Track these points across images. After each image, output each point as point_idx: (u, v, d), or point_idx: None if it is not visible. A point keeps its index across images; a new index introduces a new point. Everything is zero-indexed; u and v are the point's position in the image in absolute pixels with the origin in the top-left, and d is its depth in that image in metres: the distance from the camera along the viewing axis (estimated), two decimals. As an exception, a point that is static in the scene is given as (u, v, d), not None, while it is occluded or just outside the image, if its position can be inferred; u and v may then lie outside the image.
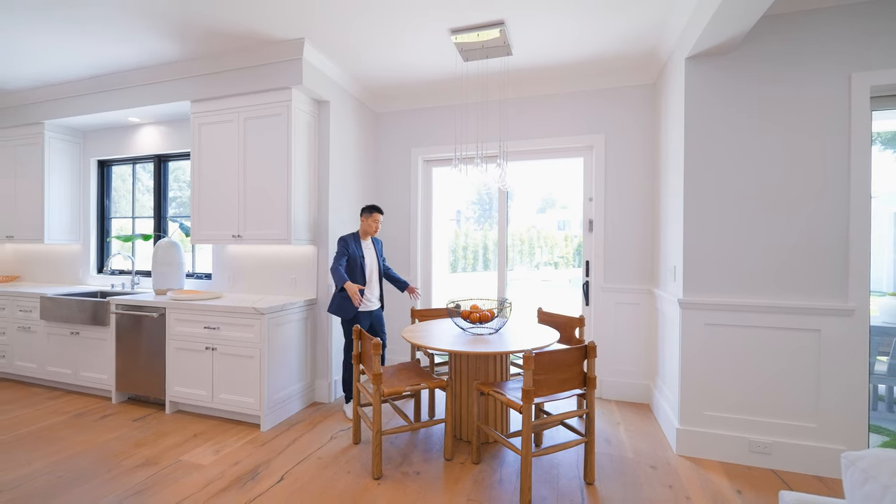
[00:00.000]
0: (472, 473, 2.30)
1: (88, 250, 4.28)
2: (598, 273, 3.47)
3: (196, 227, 3.36)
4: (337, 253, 2.95)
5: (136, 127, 4.06)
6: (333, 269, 2.86)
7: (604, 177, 3.46)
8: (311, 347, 3.33)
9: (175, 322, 3.04)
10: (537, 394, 2.05)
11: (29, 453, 2.48)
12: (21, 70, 3.49)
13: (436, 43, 2.93)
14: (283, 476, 2.25)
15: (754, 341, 2.42)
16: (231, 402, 2.88)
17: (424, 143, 3.96)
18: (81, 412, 3.10)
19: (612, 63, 3.22)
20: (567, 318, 3.06)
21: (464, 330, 2.74)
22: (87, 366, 3.39)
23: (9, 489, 2.12)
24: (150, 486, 2.14)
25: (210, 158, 3.31)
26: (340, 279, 2.81)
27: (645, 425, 2.94)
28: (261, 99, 3.14)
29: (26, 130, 4.07)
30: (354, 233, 3.08)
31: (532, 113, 3.64)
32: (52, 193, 4.05)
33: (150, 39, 2.95)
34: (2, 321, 3.74)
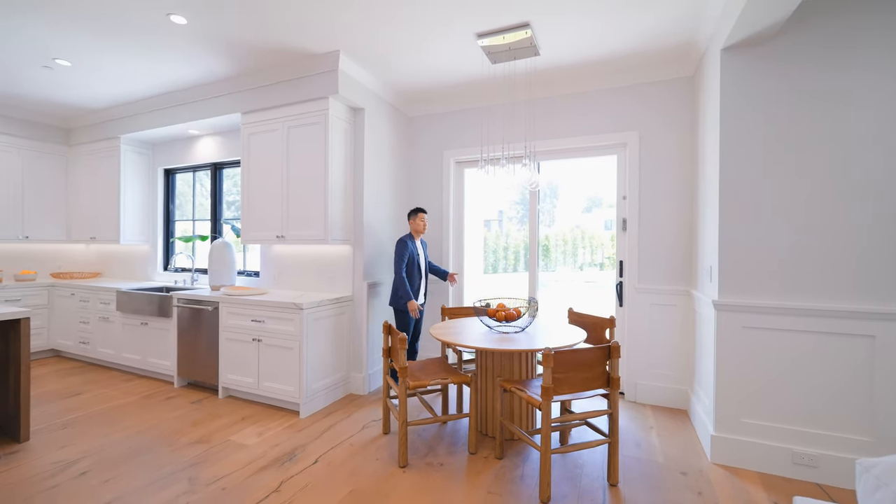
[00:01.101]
0: (494, 468, 2.35)
1: (156, 250, 4.77)
2: (633, 273, 3.39)
3: (245, 229, 3.66)
4: (398, 256, 3.29)
5: (195, 138, 4.48)
6: (400, 280, 3.27)
7: (638, 175, 3.36)
8: (346, 342, 3.52)
9: (227, 315, 3.33)
10: (557, 392, 2.06)
11: (108, 426, 2.84)
12: (101, 91, 3.97)
13: (462, 47, 3.01)
14: (318, 459, 2.42)
15: (799, 347, 2.28)
16: (274, 389, 3.12)
17: (456, 145, 4.05)
18: (149, 394, 3.48)
19: (646, 57, 3.14)
20: (597, 318, 3.01)
21: (490, 328, 2.79)
22: (154, 353, 3.80)
23: (94, 454, 2.46)
24: (202, 461, 2.39)
25: (258, 165, 3.59)
26: (406, 295, 3.24)
27: (679, 431, 2.84)
28: (301, 109, 3.36)
29: (105, 144, 4.61)
30: (409, 234, 3.43)
31: (562, 112, 3.61)
32: (126, 199, 4.56)
33: (208, 60, 3.26)
34: (86, 312, 4.27)
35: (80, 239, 4.85)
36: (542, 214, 4.39)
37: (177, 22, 2.71)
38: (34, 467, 2.32)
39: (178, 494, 2.07)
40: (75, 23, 2.76)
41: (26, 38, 2.97)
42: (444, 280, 3.68)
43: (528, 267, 3.86)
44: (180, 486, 2.14)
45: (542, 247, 4.37)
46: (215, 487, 2.13)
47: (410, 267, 3.36)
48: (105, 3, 2.53)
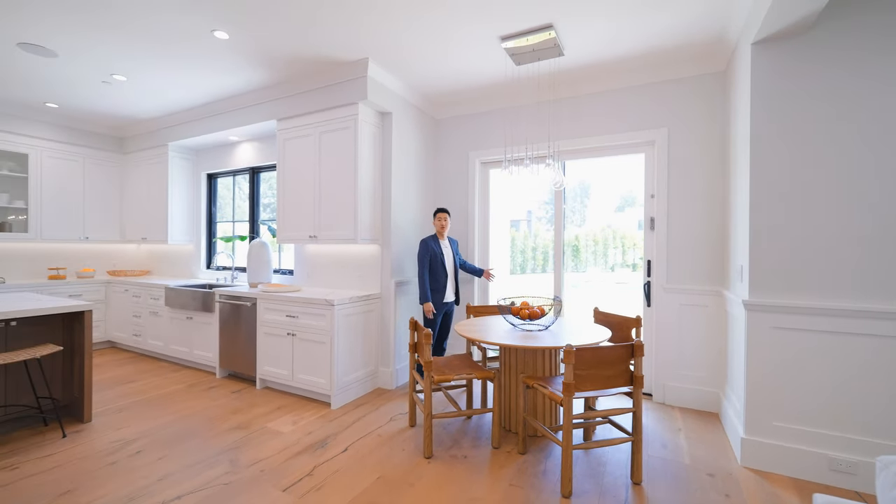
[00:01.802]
0: (516, 462, 2.39)
1: (199, 249, 5.10)
2: (661, 273, 3.33)
3: (281, 229, 3.86)
4: (418, 258, 3.43)
5: (235, 144, 4.76)
6: (420, 280, 3.40)
7: (666, 172, 3.31)
8: (375, 337, 3.65)
9: (264, 311, 3.54)
10: (578, 388, 2.09)
11: (158, 411, 3.09)
12: (151, 103, 4.30)
13: (486, 51, 3.07)
14: (347, 447, 2.55)
15: (834, 348, 2.20)
16: (307, 381, 3.29)
17: (481, 146, 4.11)
18: (194, 383, 3.74)
19: (674, 54, 3.09)
20: (623, 318, 2.99)
21: (514, 326, 2.84)
22: (198, 345, 4.07)
23: (147, 435, 2.69)
24: (242, 445, 2.57)
25: (292, 169, 3.78)
26: (424, 296, 3.37)
27: (709, 434, 2.78)
28: (333, 114, 3.52)
29: (155, 151, 4.97)
30: (433, 234, 3.53)
31: (588, 111, 3.60)
32: (173, 203, 4.90)
33: (247, 71, 3.47)
34: (138, 306, 4.62)
35: (133, 239, 5.25)
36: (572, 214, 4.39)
37: (220, 37, 2.92)
38: (96, 445, 2.56)
39: (221, 474, 2.24)
40: (132, 41, 3.02)
41: (92, 58, 3.27)
42: (479, 277, 3.76)
43: (554, 267, 3.87)
44: (223, 467, 2.31)
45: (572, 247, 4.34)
46: (254, 469, 2.29)
47: (435, 266, 3.45)
48: (157, 23, 2.76)
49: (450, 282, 3.53)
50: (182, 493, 2.07)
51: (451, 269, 3.55)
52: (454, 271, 3.58)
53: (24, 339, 2.81)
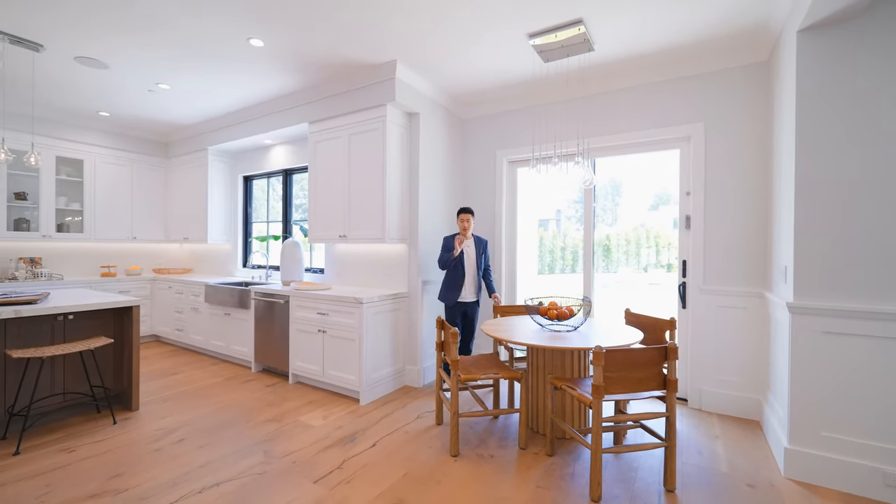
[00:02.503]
0: (544, 464, 2.37)
1: (236, 249, 5.32)
2: (697, 274, 3.21)
3: (312, 229, 3.97)
4: (441, 250, 3.44)
5: (269, 147, 4.94)
6: (441, 263, 3.40)
7: (703, 169, 3.18)
8: (402, 336, 3.69)
9: (296, 308, 3.65)
10: (608, 391, 2.04)
11: (199, 401, 3.26)
12: (192, 109, 4.52)
13: (514, 49, 3.04)
14: (376, 443, 2.60)
15: (889, 355, 2.04)
16: (337, 377, 3.37)
17: (509, 144, 4.08)
18: (231, 377, 3.91)
19: (712, 45, 2.96)
20: (656, 319, 2.90)
21: (542, 326, 2.80)
22: (235, 340, 4.25)
23: (189, 424, 2.84)
24: (276, 437, 2.66)
25: (323, 170, 3.89)
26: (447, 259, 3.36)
27: (749, 442, 2.65)
28: (362, 116, 3.60)
29: (196, 155, 5.23)
30: (457, 233, 3.51)
31: (619, 106, 3.51)
32: (213, 204, 5.14)
33: (280, 76, 3.60)
34: (180, 303, 4.88)
35: (176, 239, 5.54)
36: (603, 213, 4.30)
37: (255, 45, 3.04)
38: (143, 432, 2.73)
39: (256, 464, 2.33)
40: (175, 52, 3.19)
41: (140, 68, 3.48)
42: (488, 295, 3.55)
43: (584, 267, 3.80)
44: (258, 457, 2.41)
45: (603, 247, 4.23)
46: (287, 461, 2.37)
47: (455, 265, 3.40)
48: (198, 34, 2.91)
49: (468, 281, 3.44)
50: (220, 480, 2.17)
51: (472, 269, 3.47)
52: (475, 271, 3.49)
53: (80, 332, 3.02)
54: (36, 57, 3.31)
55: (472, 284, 3.47)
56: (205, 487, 2.10)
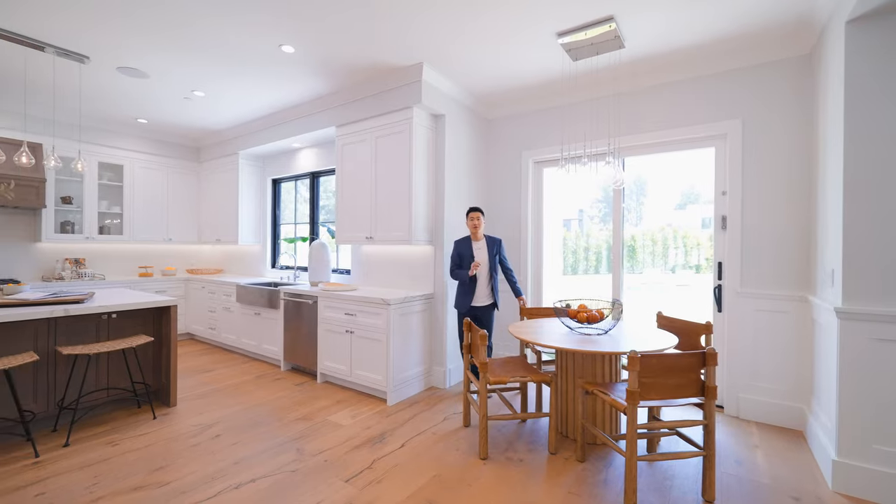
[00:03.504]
0: (575, 470, 2.33)
1: (265, 250, 5.46)
2: (734, 276, 3.09)
3: (339, 230, 4.04)
4: (451, 258, 3.37)
5: (297, 150, 5.04)
6: (454, 274, 3.32)
7: (740, 167, 3.06)
8: (428, 337, 3.70)
9: (324, 308, 3.72)
10: (644, 397, 1.99)
11: (231, 399, 3.35)
12: (224, 115, 4.67)
13: (542, 48, 3.01)
14: (404, 443, 2.61)
15: (953, 364, 1.92)
16: (364, 377, 3.41)
17: (535, 145, 4.04)
18: (261, 375, 4.01)
19: (750, 38, 2.85)
20: (690, 323, 2.81)
21: (571, 329, 2.76)
22: (265, 339, 4.36)
23: (223, 421, 2.93)
24: (306, 435, 2.72)
25: (350, 173, 3.94)
26: (461, 277, 3.27)
27: (792, 453, 2.53)
28: (388, 119, 3.63)
29: (227, 160, 5.40)
30: (467, 236, 3.39)
31: (650, 104, 3.42)
32: (243, 206, 5.29)
33: (309, 81, 3.67)
34: (213, 302, 5.04)
35: (208, 240, 5.73)
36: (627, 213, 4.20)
37: (286, 51, 3.11)
38: (181, 427, 2.83)
39: (289, 461, 2.38)
40: (210, 60, 3.30)
41: (177, 76, 3.62)
42: (515, 295, 3.42)
43: (612, 268, 3.72)
44: (290, 455, 2.46)
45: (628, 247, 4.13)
46: (319, 459, 2.41)
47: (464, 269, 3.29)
48: (232, 42, 3.00)
49: (481, 285, 3.31)
50: (255, 476, 2.23)
51: (485, 271, 3.31)
52: (488, 274, 3.32)
53: (123, 330, 3.16)
54: (82, 68, 3.48)
55: (484, 288, 3.33)
56: (241, 483, 2.16)
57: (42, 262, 4.69)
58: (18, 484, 2.13)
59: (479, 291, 3.33)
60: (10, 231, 4.46)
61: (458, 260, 3.33)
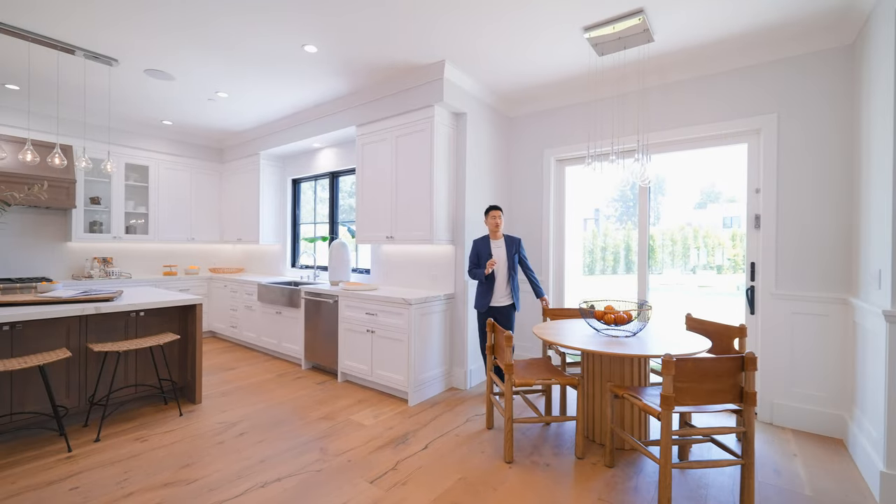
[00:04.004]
0: (604, 476, 2.26)
1: (285, 249, 5.51)
2: (768, 277, 2.97)
3: (360, 230, 4.04)
4: (469, 258, 3.33)
5: (316, 150, 5.07)
6: (471, 273, 3.27)
7: (775, 164, 2.94)
8: (449, 337, 3.67)
9: (345, 308, 3.72)
10: (678, 402, 1.92)
11: (255, 397, 3.38)
12: (246, 116, 4.72)
13: (568, 43, 2.94)
14: (427, 445, 2.58)
15: None
16: (385, 377, 3.40)
17: (557, 142, 3.97)
18: (282, 373, 4.04)
19: (787, 29, 2.73)
20: (723, 326, 2.72)
21: (597, 331, 2.69)
22: (286, 338, 4.39)
23: (247, 419, 2.95)
24: (329, 434, 2.71)
25: (370, 172, 3.94)
26: (478, 276, 3.22)
27: (834, 463, 2.41)
28: (409, 118, 3.61)
29: (248, 160, 5.46)
30: (486, 235, 3.33)
31: (679, 99, 3.31)
32: (264, 206, 5.35)
33: (330, 80, 3.68)
34: (235, 301, 5.11)
35: (230, 240, 5.81)
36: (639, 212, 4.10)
37: (309, 51, 3.12)
38: (206, 424, 2.86)
39: (314, 461, 2.38)
40: (235, 61, 3.33)
41: (202, 78, 3.67)
42: (536, 297, 3.33)
43: (638, 269, 3.63)
44: (314, 455, 2.45)
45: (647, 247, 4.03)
46: (342, 459, 2.40)
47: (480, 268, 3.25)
48: (257, 42, 3.02)
49: (500, 285, 3.24)
50: (281, 475, 2.23)
51: (504, 270, 3.25)
52: (507, 273, 3.25)
53: (150, 328, 3.22)
54: (111, 71, 3.56)
55: (503, 287, 3.26)
56: (267, 482, 2.16)
57: (72, 261, 4.83)
58: (53, 478, 2.18)
59: (497, 291, 3.25)
60: (42, 231, 4.59)
61: (476, 259, 3.28)
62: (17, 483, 2.13)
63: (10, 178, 3.98)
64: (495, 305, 3.26)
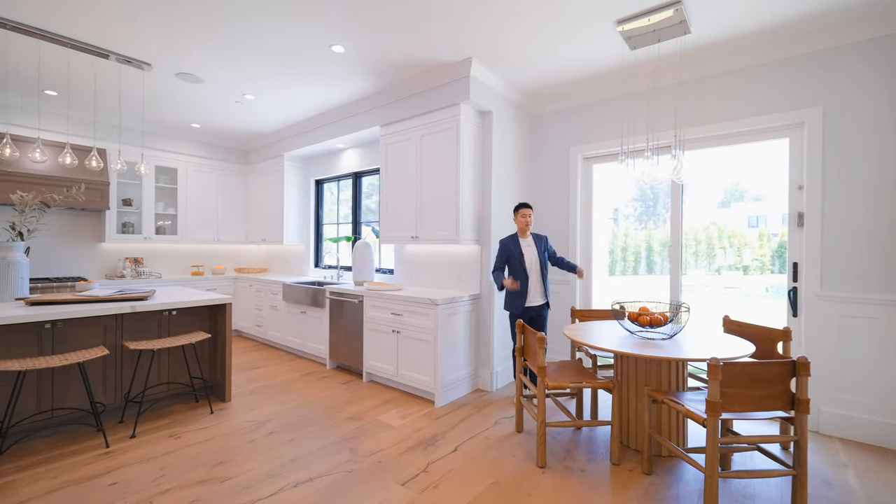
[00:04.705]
0: (642, 483, 2.18)
1: (309, 250, 5.56)
2: (813, 278, 2.83)
3: (384, 230, 4.03)
4: (497, 257, 3.24)
5: (340, 151, 5.10)
6: (494, 276, 3.19)
7: (820, 158, 2.80)
8: (475, 338, 3.63)
9: (370, 308, 3.72)
10: (725, 408, 1.83)
11: (282, 396, 3.41)
12: (272, 118, 4.78)
13: (599, 37, 2.87)
14: (457, 448, 2.55)
15: None
16: (411, 378, 3.38)
17: (584, 140, 3.88)
18: (308, 372, 4.07)
19: (833, 17, 2.60)
20: (765, 329, 2.60)
21: (631, 333, 2.61)
22: (311, 338, 4.42)
23: (276, 418, 2.97)
24: (358, 435, 2.70)
25: (395, 172, 3.93)
26: (497, 281, 3.16)
27: (890, 475, 2.28)
28: (434, 117, 3.58)
29: (272, 162, 5.53)
30: (513, 234, 3.26)
31: (715, 94, 3.19)
32: (288, 207, 5.41)
33: (356, 80, 3.68)
34: (260, 300, 5.17)
35: (254, 240, 5.90)
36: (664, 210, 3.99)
37: (336, 51, 3.12)
38: (236, 423, 2.89)
39: (344, 461, 2.37)
40: (263, 63, 3.37)
41: (230, 80, 3.72)
42: (573, 272, 3.26)
43: (670, 269, 3.53)
44: (344, 455, 2.45)
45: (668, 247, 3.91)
46: (372, 460, 2.39)
47: (513, 268, 3.20)
48: (285, 43, 3.04)
49: (533, 284, 3.20)
50: (312, 475, 2.22)
51: (536, 270, 3.20)
52: (539, 272, 3.21)
53: (181, 327, 3.27)
54: (144, 76, 3.64)
55: (539, 286, 3.22)
56: (299, 482, 2.16)
57: (105, 261, 4.97)
58: (93, 473, 2.23)
59: (532, 290, 3.20)
60: (78, 232, 4.75)
61: (504, 258, 3.22)
62: (59, 477, 2.18)
63: (50, 180, 4.12)
64: (530, 306, 3.21)
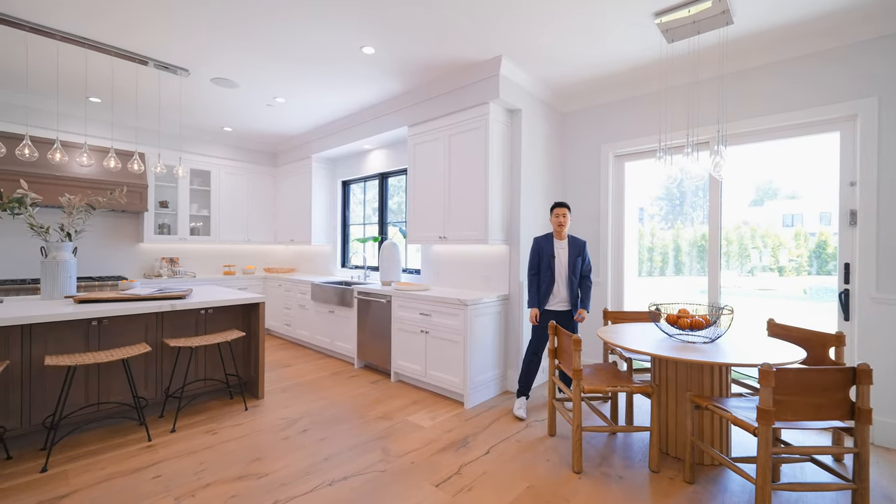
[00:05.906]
0: (684, 492, 2.10)
1: (336, 250, 5.63)
2: (867, 279, 2.67)
3: (411, 230, 4.04)
4: (530, 257, 3.13)
5: (367, 152, 5.14)
6: (528, 283, 3.11)
7: (875, 153, 2.64)
8: (503, 339, 3.58)
9: (398, 308, 3.73)
10: (778, 417, 1.74)
11: (313, 394, 3.45)
12: (300, 120, 4.86)
13: (636, 31, 2.78)
14: (489, 450, 2.52)
15: None
16: (439, 378, 3.36)
17: (616, 137, 3.78)
18: (336, 371, 4.11)
19: (888, 2, 2.43)
20: (815, 333, 2.47)
21: (670, 336, 2.52)
22: (339, 337, 4.47)
23: (308, 415, 3.01)
24: (388, 435, 2.71)
25: (422, 172, 3.93)
26: (531, 300, 3.08)
27: (957, 492, 2.11)
28: (462, 116, 3.56)
29: (301, 163, 5.63)
30: (549, 233, 3.16)
31: (758, 87, 3.05)
32: (315, 208, 5.49)
33: (385, 81, 3.70)
34: (289, 300, 5.27)
35: (283, 241, 6.02)
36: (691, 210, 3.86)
37: (367, 52, 3.14)
38: (270, 420, 2.94)
39: (377, 461, 2.38)
40: (293, 66, 3.42)
41: (263, 84, 3.80)
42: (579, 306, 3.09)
43: (709, 269, 3.39)
44: (376, 455, 2.45)
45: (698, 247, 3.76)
46: (405, 461, 2.38)
47: (542, 268, 3.07)
48: (316, 46, 3.08)
49: (560, 287, 3.04)
50: (346, 474, 2.24)
51: (564, 273, 3.04)
52: (568, 276, 3.05)
53: (217, 325, 3.36)
54: (182, 82, 3.76)
55: (565, 290, 3.05)
56: (334, 480, 2.17)
57: (144, 261, 5.17)
58: (137, 465, 2.30)
59: (556, 294, 3.06)
60: (119, 232, 4.95)
61: (537, 259, 3.08)
62: (106, 469, 2.27)
63: (95, 184, 4.31)
64: (551, 309, 3.08)
